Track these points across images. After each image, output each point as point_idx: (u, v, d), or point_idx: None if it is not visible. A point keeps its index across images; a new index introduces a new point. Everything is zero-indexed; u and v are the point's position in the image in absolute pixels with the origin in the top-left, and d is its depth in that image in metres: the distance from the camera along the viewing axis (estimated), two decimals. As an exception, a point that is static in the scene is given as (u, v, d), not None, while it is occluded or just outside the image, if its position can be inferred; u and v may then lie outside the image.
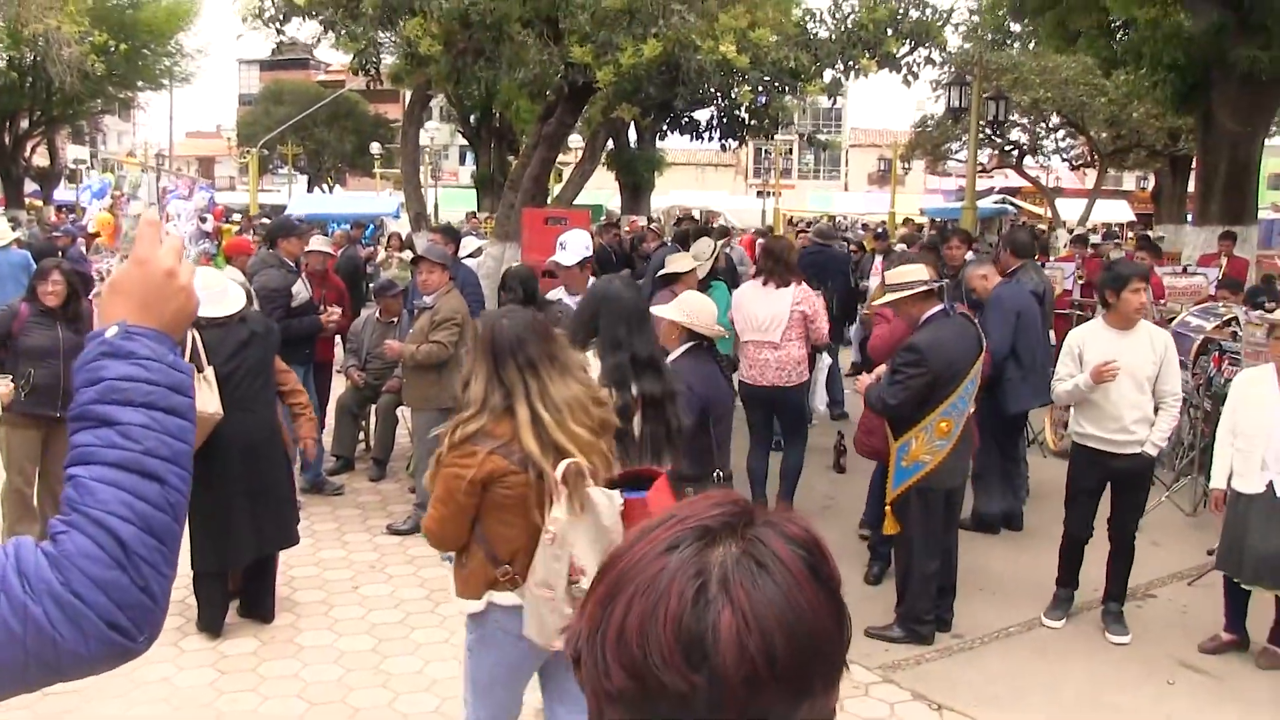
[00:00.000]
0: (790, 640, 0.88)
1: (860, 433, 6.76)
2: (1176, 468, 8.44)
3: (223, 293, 5.62)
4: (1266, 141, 18.48)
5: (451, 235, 8.79)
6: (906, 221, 27.45)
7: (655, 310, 5.70)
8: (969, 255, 9.14)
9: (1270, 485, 5.27)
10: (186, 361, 1.53)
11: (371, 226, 25.56)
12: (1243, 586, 5.51)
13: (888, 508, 5.76)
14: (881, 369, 5.92)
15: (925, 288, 5.64)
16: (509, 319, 3.43)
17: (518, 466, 3.21)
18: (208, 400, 5.19)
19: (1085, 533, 5.94)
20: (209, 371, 5.33)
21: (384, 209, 29.04)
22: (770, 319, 7.32)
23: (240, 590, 5.92)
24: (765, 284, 7.48)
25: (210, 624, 5.67)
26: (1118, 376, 5.55)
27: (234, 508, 5.42)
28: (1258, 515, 5.30)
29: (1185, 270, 11.97)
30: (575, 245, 6.67)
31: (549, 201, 12.21)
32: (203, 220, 13.63)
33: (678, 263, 7.64)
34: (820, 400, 8.64)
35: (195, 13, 33.32)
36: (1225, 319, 8.28)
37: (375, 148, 43.87)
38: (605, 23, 8.18)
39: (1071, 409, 6.06)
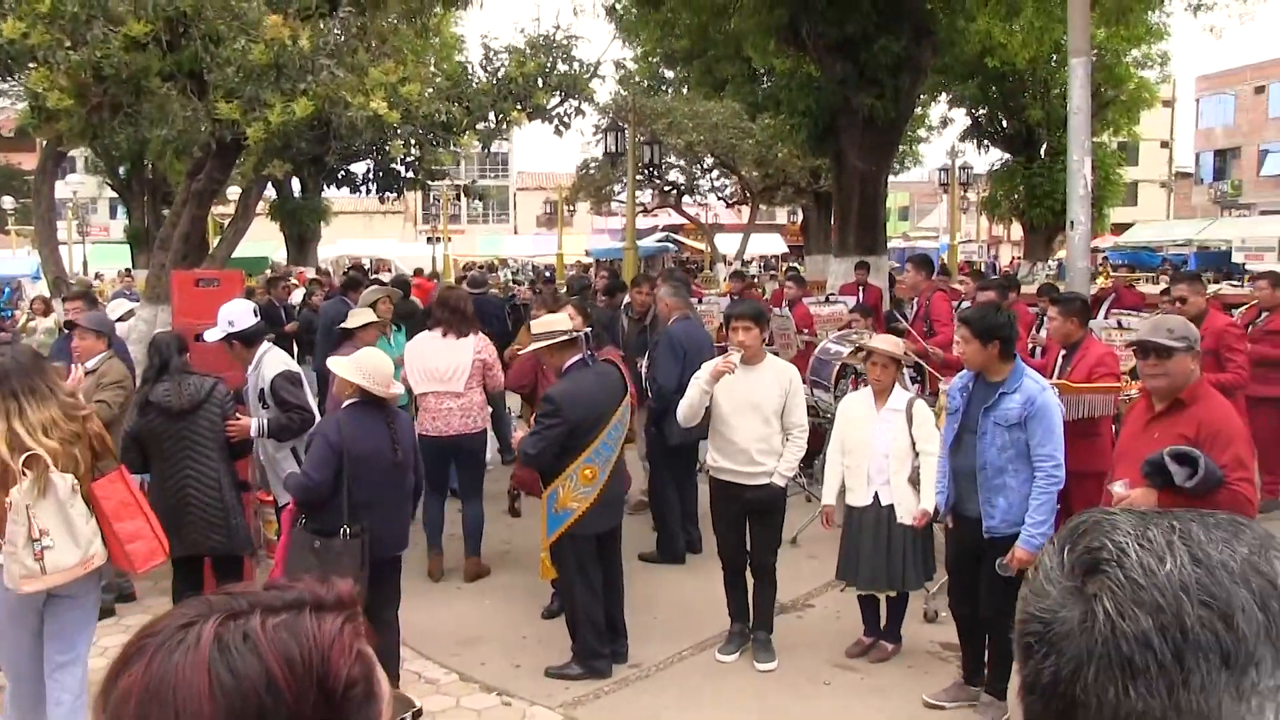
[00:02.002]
0: (141, 707, 0.94)
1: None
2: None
3: None
4: (892, 178, 20.32)
5: (90, 302, 8.30)
6: (576, 264, 28.09)
7: (330, 364, 5.66)
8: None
9: (876, 497, 5.82)
10: None
11: (7, 290, 23.62)
12: (859, 593, 6.04)
13: (544, 555, 5.91)
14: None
15: (565, 337, 5.85)
16: (3, 358, 4.56)
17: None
18: None
19: (738, 559, 6.16)
20: None
21: (21, 270, 26.87)
22: (453, 369, 7.40)
23: None
24: (444, 335, 7.53)
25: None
26: (743, 410, 5.87)
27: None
28: (867, 526, 5.85)
29: (828, 299, 12.94)
30: (221, 320, 6.40)
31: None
32: None
33: (358, 317, 7.58)
34: (491, 447, 8.75)
35: None
36: (857, 345, 9.04)
37: (8, 202, 39.93)
38: (252, 78, 7.98)
39: (708, 441, 6.22)
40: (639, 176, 23.38)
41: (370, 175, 13.20)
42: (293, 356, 9.08)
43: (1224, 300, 12.26)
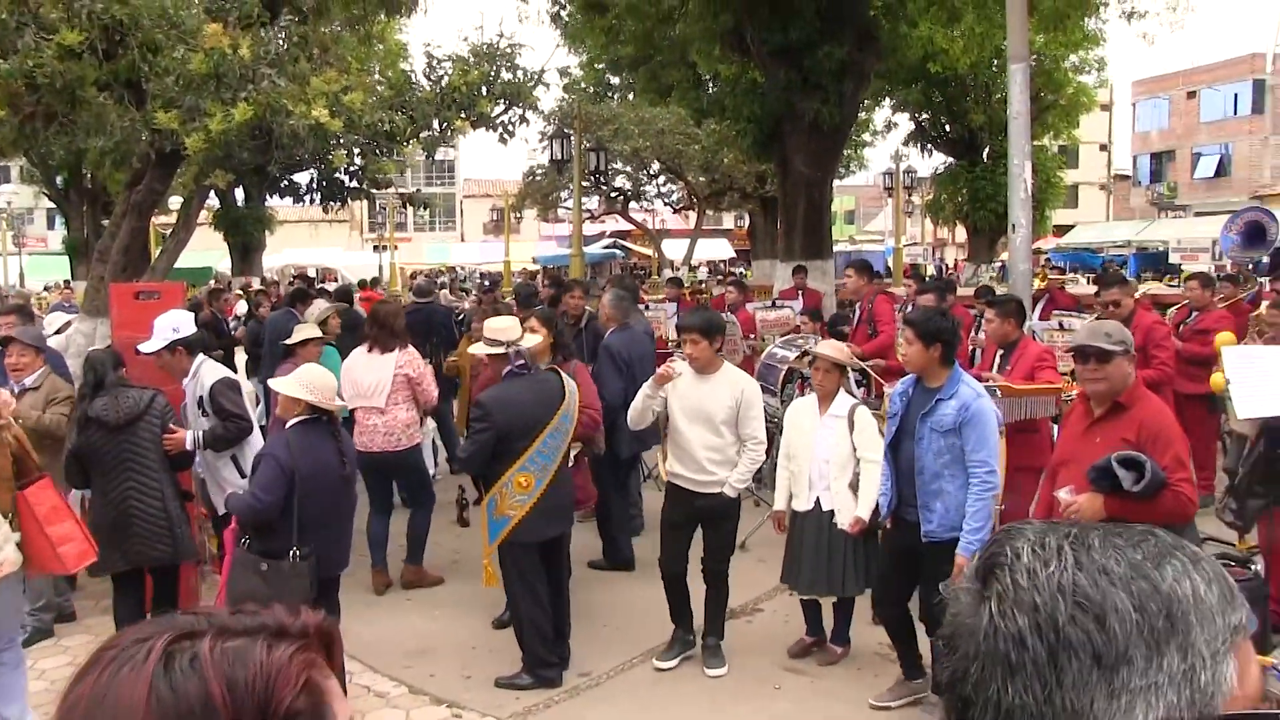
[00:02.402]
0: (86, 716, 0.95)
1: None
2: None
3: None
4: (836, 183, 20.47)
5: (26, 316, 8.13)
6: (522, 271, 28.03)
7: (273, 384, 5.58)
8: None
9: (818, 501, 5.86)
10: None
11: (-60, 305, 23.09)
12: (800, 597, 6.07)
13: (486, 563, 5.90)
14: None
15: (501, 350, 5.89)
16: None
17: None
18: None
19: (676, 566, 6.15)
20: None
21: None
22: (375, 384, 7.34)
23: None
24: (370, 350, 7.49)
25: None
26: (694, 419, 5.88)
27: None
28: (810, 531, 5.88)
29: (775, 304, 12.98)
30: (160, 330, 6.33)
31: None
32: None
33: (302, 332, 7.48)
34: (441, 455, 8.69)
35: None
36: (803, 350, 9.09)
37: (-63, 214, 38.99)
38: (191, 87, 7.86)
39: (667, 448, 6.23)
40: (585, 183, 23.36)
41: (314, 185, 13.10)
42: (234, 370, 8.95)
43: (1157, 299, 12.50)
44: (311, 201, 13.38)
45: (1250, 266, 14.62)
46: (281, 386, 5.35)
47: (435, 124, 9.23)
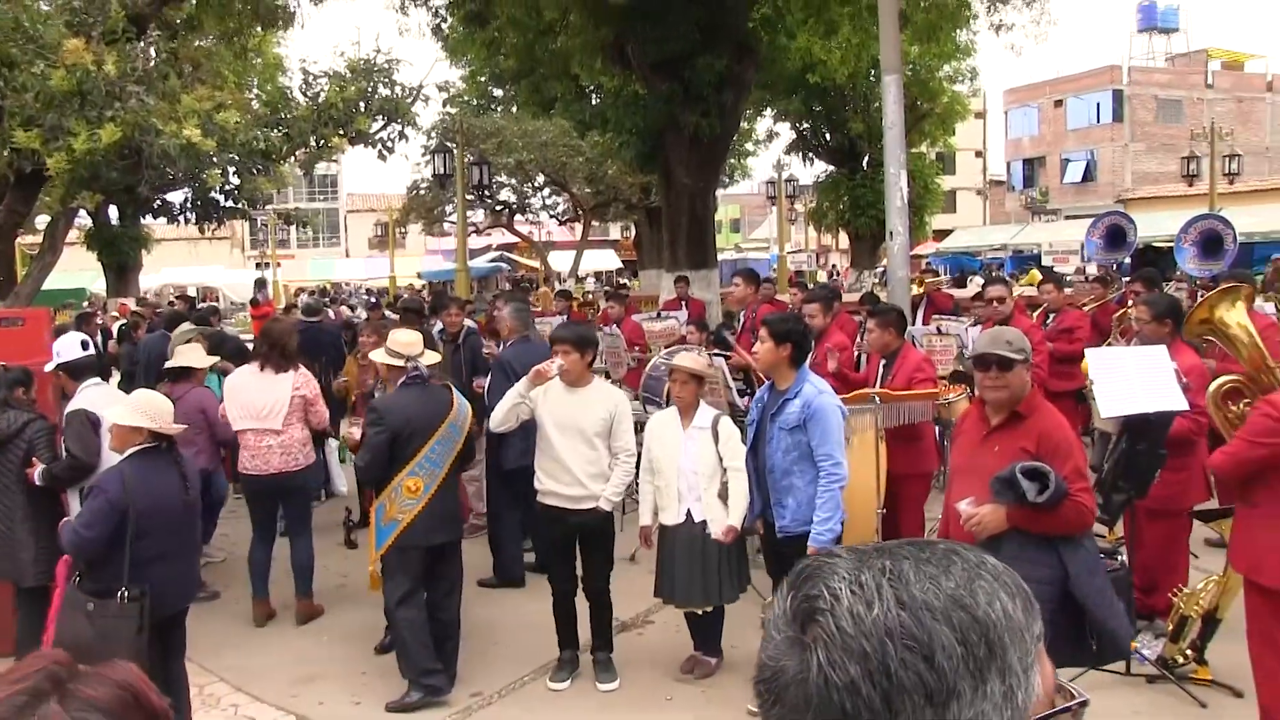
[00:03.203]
0: None
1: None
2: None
3: None
4: (721, 192, 20.71)
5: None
6: (409, 286, 27.73)
7: (108, 416, 5.37)
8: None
9: (689, 514, 5.90)
10: None
11: None
12: (677, 609, 6.10)
13: (371, 568, 5.87)
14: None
15: (400, 362, 5.94)
16: None
17: None
18: None
19: (566, 584, 6.15)
20: None
21: None
22: (270, 405, 7.18)
23: None
24: (263, 369, 7.33)
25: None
26: (568, 432, 5.88)
27: None
28: (681, 543, 5.92)
29: (660, 314, 13.04)
30: (63, 349, 6.26)
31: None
32: None
33: (188, 355, 7.22)
34: (340, 481, 8.53)
35: None
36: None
37: None
38: (53, 105, 7.62)
39: (535, 465, 6.19)
40: (470, 196, 23.21)
41: (188, 204, 12.79)
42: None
43: (1031, 301, 12.89)
44: (186, 221, 13.05)
45: (1114, 268, 15.16)
46: (119, 417, 5.13)
47: (312, 141, 9.10)
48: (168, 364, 7.58)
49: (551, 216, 37.25)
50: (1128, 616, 5.87)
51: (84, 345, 6.55)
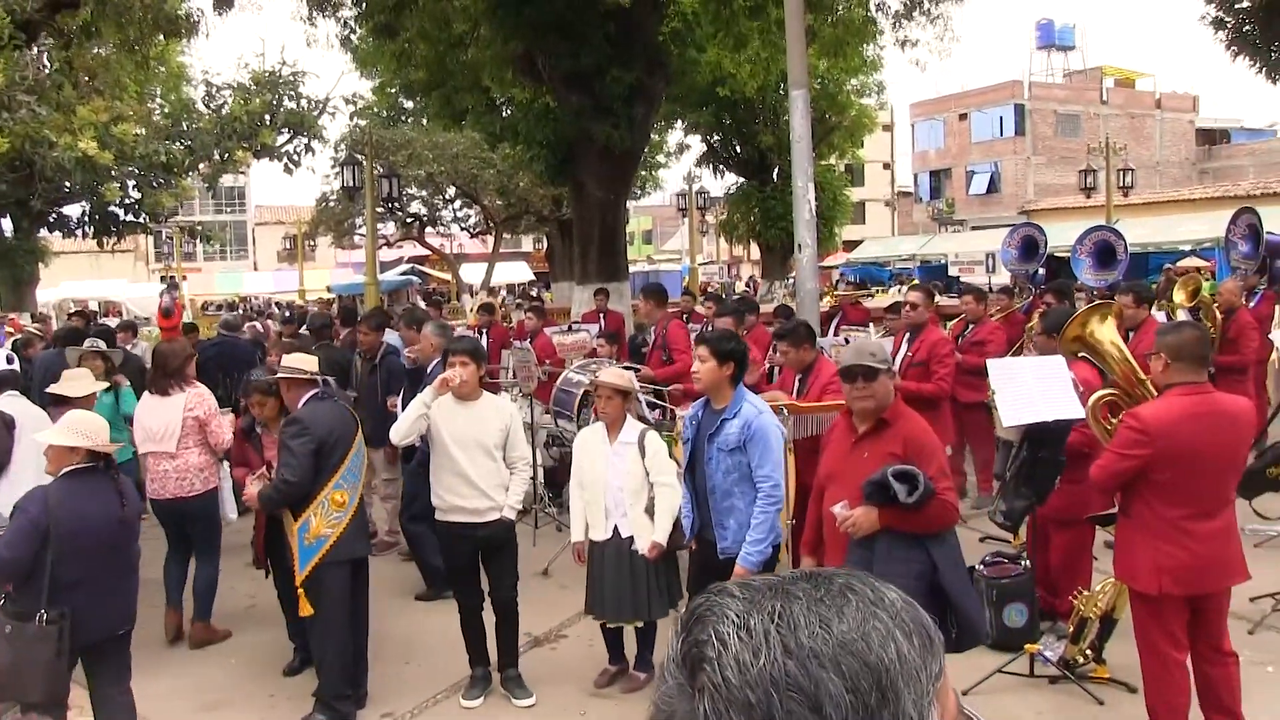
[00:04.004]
0: None
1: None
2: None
3: None
4: (633, 204, 20.79)
5: None
6: (319, 300, 27.36)
7: (42, 438, 5.21)
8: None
9: (616, 529, 5.91)
10: None
11: None
12: (608, 626, 6.11)
13: (300, 592, 5.73)
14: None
15: (304, 376, 5.89)
16: None
17: None
18: None
19: (473, 599, 6.10)
20: None
21: None
22: (163, 428, 7.02)
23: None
24: (153, 392, 7.18)
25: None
26: (467, 445, 5.86)
27: None
28: (609, 559, 5.92)
29: (571, 327, 13.04)
30: None
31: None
32: None
33: (68, 384, 6.95)
34: (230, 509, 8.35)
35: None
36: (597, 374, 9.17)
37: None
38: (-62, 115, 7.38)
39: (432, 485, 6.14)
40: (380, 209, 22.99)
41: (85, 218, 12.43)
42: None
43: (941, 311, 13.14)
44: (83, 235, 12.70)
45: (1028, 278, 15.52)
46: (53, 438, 5.01)
47: (216, 154, 8.93)
48: (49, 389, 7.29)
49: (463, 229, 37.04)
50: (1030, 618, 6.05)
51: (8, 360, 6.40)
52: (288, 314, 19.50)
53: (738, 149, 33.13)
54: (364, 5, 16.96)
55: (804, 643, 0.94)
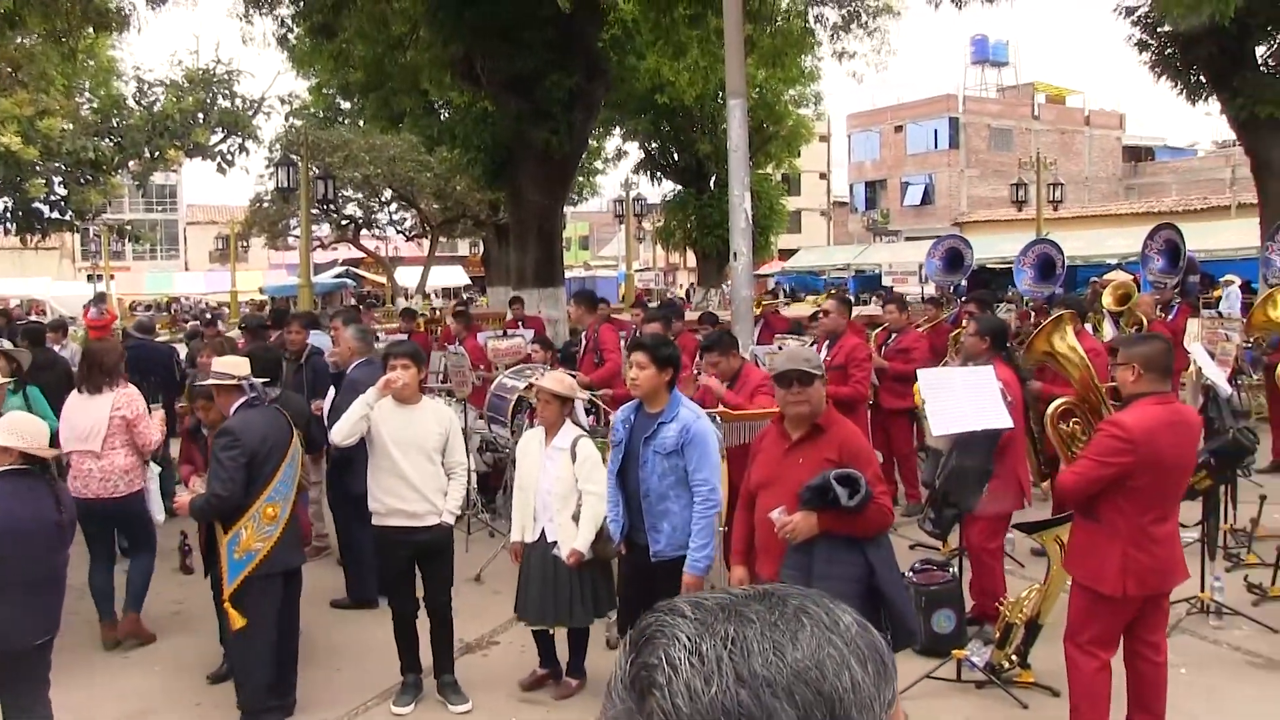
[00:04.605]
0: None
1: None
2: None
3: None
4: (570, 210, 20.78)
5: None
6: (250, 303, 27.00)
7: None
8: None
9: (543, 532, 5.92)
10: None
11: None
12: (533, 629, 6.10)
13: (227, 604, 5.63)
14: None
15: (234, 381, 5.73)
16: None
17: None
18: None
19: (408, 606, 6.08)
20: None
21: None
22: (90, 427, 6.90)
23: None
24: (80, 391, 7.06)
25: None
26: (408, 449, 5.85)
27: None
28: (536, 562, 5.93)
29: (506, 333, 12.99)
30: None
31: None
32: None
33: None
34: (157, 510, 8.21)
35: None
36: (531, 380, 9.14)
37: None
38: None
39: (370, 490, 6.11)
40: (315, 210, 22.75)
41: (7, 215, 12.13)
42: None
43: (871, 320, 13.30)
44: (6, 233, 12.40)
45: (951, 289, 15.75)
46: None
47: (146, 152, 8.78)
48: None
49: (399, 232, 36.77)
50: (958, 624, 6.15)
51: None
52: (208, 315, 19.19)
53: (675, 156, 33.27)
54: (302, 4, 16.79)
55: (757, 671, 0.92)
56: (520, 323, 13.62)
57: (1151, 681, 4.93)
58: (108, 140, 8.17)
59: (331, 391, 8.14)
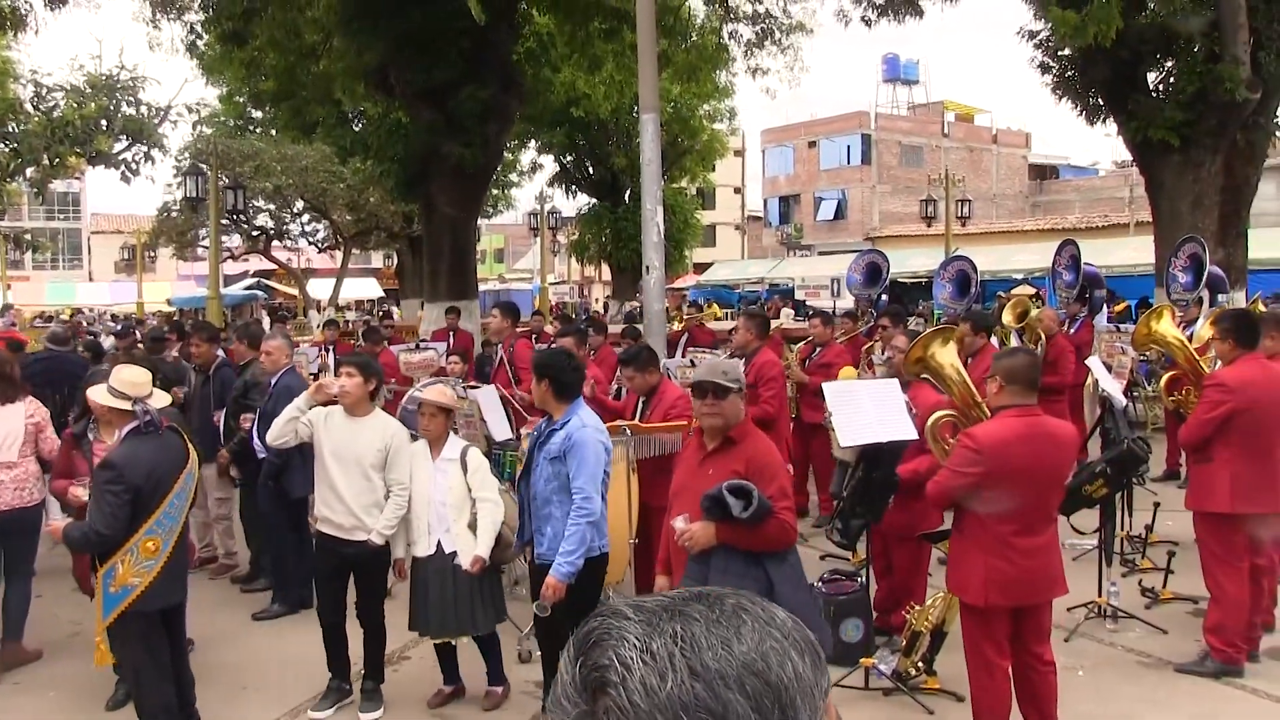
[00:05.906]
0: None
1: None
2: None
3: None
4: (485, 222, 20.71)
5: None
6: (157, 314, 26.44)
7: None
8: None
9: (439, 545, 5.90)
10: None
11: None
12: (434, 642, 6.08)
13: (99, 640, 5.44)
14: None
15: (125, 405, 5.40)
16: None
17: None
18: None
19: (334, 615, 6.06)
20: None
21: None
22: (5, 437, 6.77)
23: None
24: (3, 400, 6.90)
25: None
26: (344, 462, 5.82)
27: None
28: (433, 575, 5.91)
29: (419, 345, 12.91)
30: None
31: None
32: None
33: None
34: (59, 516, 8.01)
35: None
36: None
37: None
38: None
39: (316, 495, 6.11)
40: (224, 221, 22.34)
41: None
42: None
43: (787, 334, 13.45)
44: (-107, 240, 12.02)
45: (869, 302, 15.98)
46: None
47: (45, 159, 8.56)
48: None
49: (311, 243, 36.28)
50: (866, 633, 6.24)
51: None
52: (119, 327, 18.68)
53: (590, 169, 33.33)
54: (212, 10, 16.54)
55: (709, 664, 0.95)
56: (452, 333, 13.60)
57: (1040, 689, 5.05)
58: (3, 145, 7.95)
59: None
